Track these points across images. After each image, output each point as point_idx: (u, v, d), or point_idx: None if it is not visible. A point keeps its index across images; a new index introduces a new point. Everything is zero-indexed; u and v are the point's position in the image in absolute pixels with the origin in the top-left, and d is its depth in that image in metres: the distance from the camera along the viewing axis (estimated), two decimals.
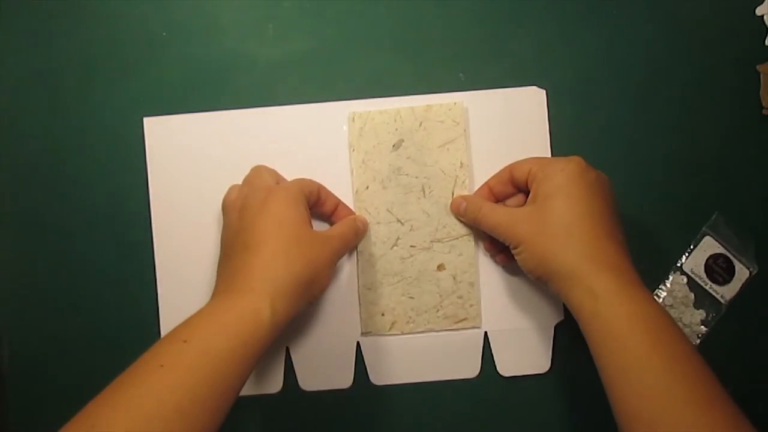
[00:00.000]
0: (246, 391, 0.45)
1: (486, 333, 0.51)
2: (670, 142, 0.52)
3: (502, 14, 0.52)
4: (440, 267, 0.51)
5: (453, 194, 0.50)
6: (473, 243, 0.51)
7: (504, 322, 0.51)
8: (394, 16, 0.52)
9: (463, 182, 0.50)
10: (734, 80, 0.52)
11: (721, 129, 0.52)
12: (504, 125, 0.51)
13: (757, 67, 0.52)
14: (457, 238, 0.51)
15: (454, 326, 0.51)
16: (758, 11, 0.52)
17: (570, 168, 0.44)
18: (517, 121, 0.52)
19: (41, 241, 0.51)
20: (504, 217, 0.46)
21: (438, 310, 0.51)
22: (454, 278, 0.51)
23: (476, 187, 0.51)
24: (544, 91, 0.52)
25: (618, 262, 0.42)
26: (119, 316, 0.51)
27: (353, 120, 0.51)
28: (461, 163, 0.50)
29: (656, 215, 0.52)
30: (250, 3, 0.52)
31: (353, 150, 0.51)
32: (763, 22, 0.52)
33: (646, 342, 0.39)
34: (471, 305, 0.51)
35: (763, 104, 0.51)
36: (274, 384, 0.51)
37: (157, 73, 0.51)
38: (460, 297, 0.51)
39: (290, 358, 0.51)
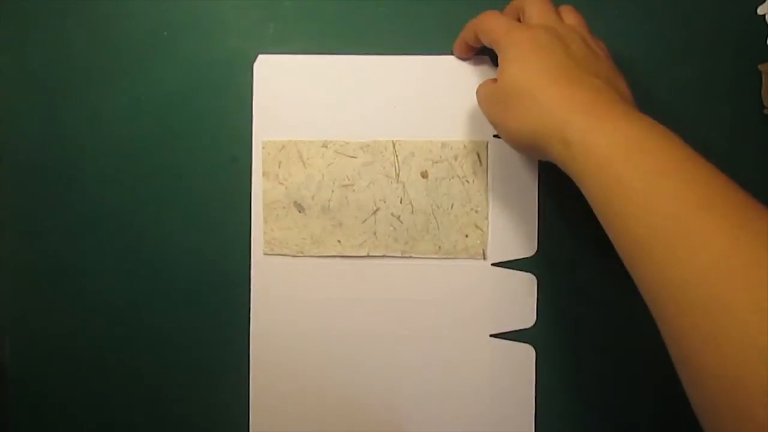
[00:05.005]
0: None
1: None
2: None
3: None
4: None
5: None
6: None
7: None
8: (394, 16, 0.52)
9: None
10: (735, 80, 0.52)
11: (721, 129, 0.52)
12: None
13: (759, 66, 0.51)
14: None
15: None
16: (759, 11, 0.52)
17: (522, 36, 0.42)
18: None
19: (41, 241, 0.52)
20: (481, 98, 0.46)
21: None
22: None
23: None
24: None
25: (590, 105, 0.39)
26: (118, 314, 0.51)
27: None
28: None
29: None
30: (250, 3, 0.52)
31: None
32: (765, 22, 0.52)
33: (629, 165, 0.36)
34: None
35: (765, 104, 0.51)
36: None
37: (157, 73, 0.52)
38: None
39: None
